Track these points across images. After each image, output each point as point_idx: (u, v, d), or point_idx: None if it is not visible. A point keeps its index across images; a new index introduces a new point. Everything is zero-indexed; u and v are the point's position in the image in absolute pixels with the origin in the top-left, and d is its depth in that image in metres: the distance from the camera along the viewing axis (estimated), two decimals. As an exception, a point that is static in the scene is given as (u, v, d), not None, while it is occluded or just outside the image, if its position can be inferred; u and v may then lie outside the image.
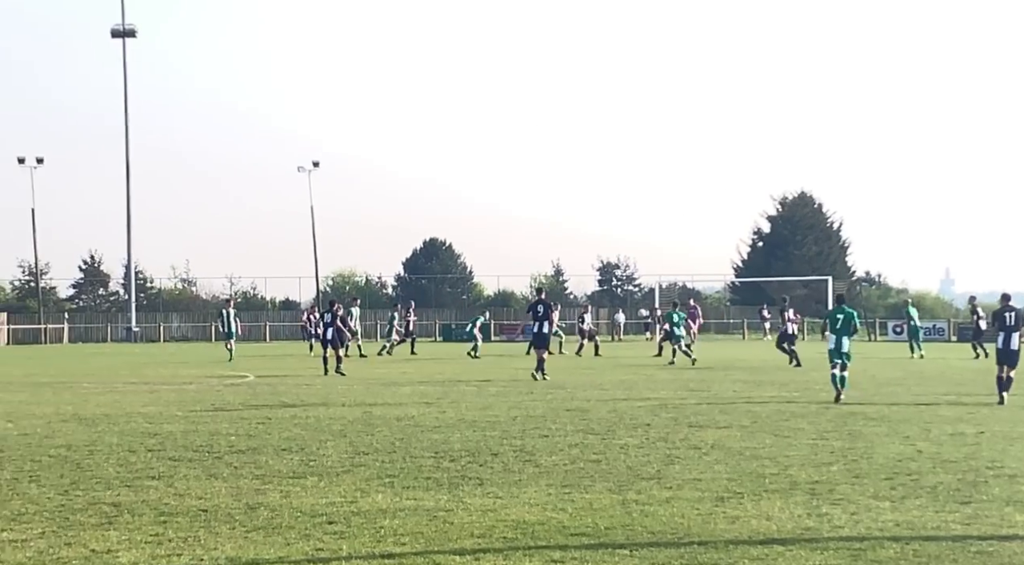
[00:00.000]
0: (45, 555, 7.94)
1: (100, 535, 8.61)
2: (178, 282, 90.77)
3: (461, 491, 10.56)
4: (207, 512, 9.53)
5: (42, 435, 15.36)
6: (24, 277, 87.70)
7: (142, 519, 9.25)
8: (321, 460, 12.68)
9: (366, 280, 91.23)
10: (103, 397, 22.46)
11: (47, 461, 12.69)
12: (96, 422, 17.11)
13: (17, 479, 11.34)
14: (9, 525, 8.97)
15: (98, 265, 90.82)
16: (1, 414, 18.60)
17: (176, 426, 16.48)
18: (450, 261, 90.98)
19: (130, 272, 79.76)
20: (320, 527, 8.90)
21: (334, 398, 21.62)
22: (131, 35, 76.09)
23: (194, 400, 21.53)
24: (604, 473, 11.61)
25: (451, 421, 16.94)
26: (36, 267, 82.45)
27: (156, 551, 8.08)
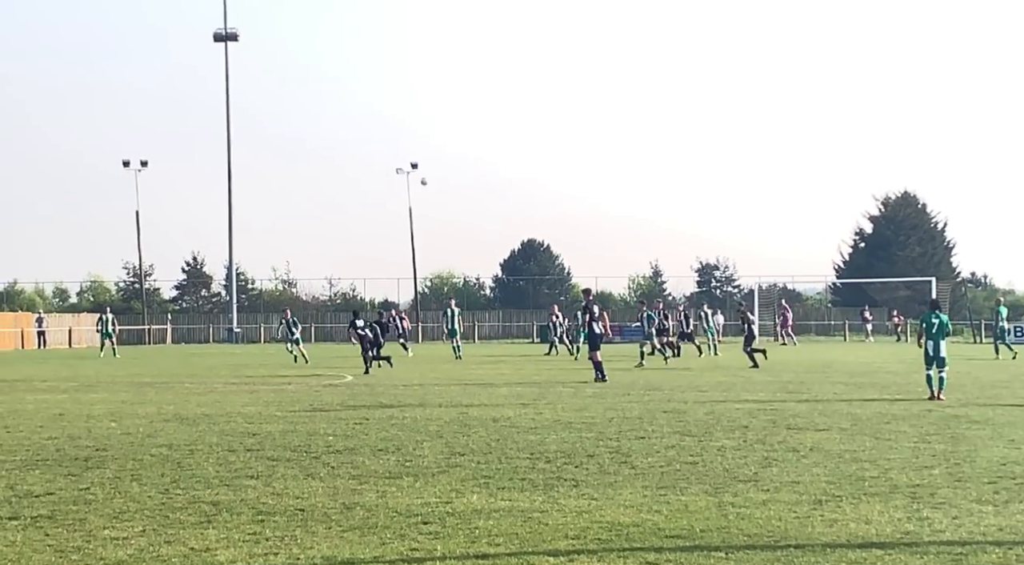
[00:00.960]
0: (145, 552, 8.08)
1: (199, 533, 8.74)
2: (278, 283, 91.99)
3: (556, 492, 10.55)
4: (304, 511, 9.63)
5: (144, 434, 15.64)
6: (129, 278, 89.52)
7: (240, 518, 9.37)
8: (417, 460, 12.76)
9: (464, 281, 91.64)
10: (204, 397, 22.83)
11: (149, 460, 12.92)
12: (197, 422, 17.39)
13: (119, 478, 11.55)
14: (111, 523, 9.14)
15: (200, 267, 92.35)
16: (105, 413, 18.98)
17: (275, 426, 16.69)
18: (548, 262, 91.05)
19: (231, 274, 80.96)
20: (415, 527, 8.95)
21: (431, 399, 21.74)
22: (233, 39, 77.26)
23: (293, 400, 21.79)
24: (700, 475, 11.53)
25: (547, 422, 16.95)
26: (140, 269, 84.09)
27: (254, 550, 8.18)
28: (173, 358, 47.54)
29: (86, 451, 13.75)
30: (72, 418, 18.18)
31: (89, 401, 22.05)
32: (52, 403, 21.57)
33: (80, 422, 17.47)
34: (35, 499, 10.27)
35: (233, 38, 77.24)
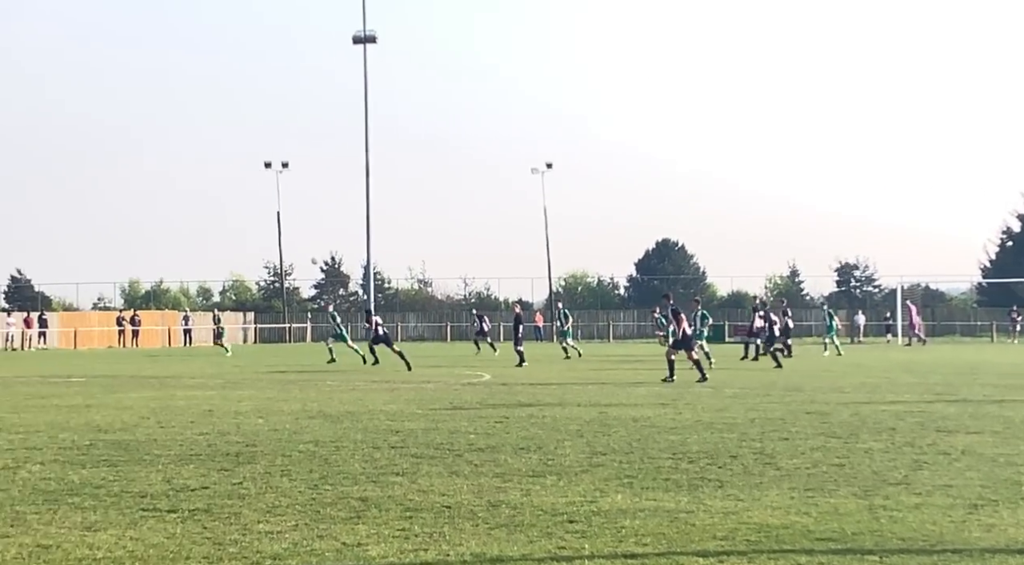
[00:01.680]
0: (299, 547, 8.24)
1: (350, 529, 8.88)
2: (415, 283, 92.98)
3: (701, 493, 10.49)
4: (450, 508, 9.73)
5: (291, 431, 15.94)
6: (270, 278, 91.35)
7: (388, 514, 9.49)
8: (559, 459, 12.79)
9: (598, 281, 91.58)
10: (346, 395, 23.18)
11: (297, 456, 13.16)
12: (341, 419, 17.66)
13: (270, 473, 11.79)
14: (264, 517, 9.34)
15: (338, 266, 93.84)
16: (252, 410, 19.39)
17: (417, 424, 16.87)
18: (682, 262, 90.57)
19: (369, 273, 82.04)
20: (561, 526, 8.97)
21: (570, 398, 21.78)
22: (371, 41, 78.29)
23: (433, 399, 22.01)
24: (848, 477, 11.37)
25: (688, 422, 16.86)
26: (281, 268, 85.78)
27: (403, 545, 8.29)
28: (314, 356, 48.31)
29: (236, 447, 14.06)
30: (221, 414, 18.61)
31: (236, 398, 22.55)
32: (201, 399, 22.11)
33: (229, 418, 17.88)
34: (191, 493, 10.54)
35: (372, 40, 78.26)
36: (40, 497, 10.37)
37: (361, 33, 77.96)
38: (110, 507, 9.82)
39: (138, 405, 20.69)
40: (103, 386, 27.11)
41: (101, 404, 21.06)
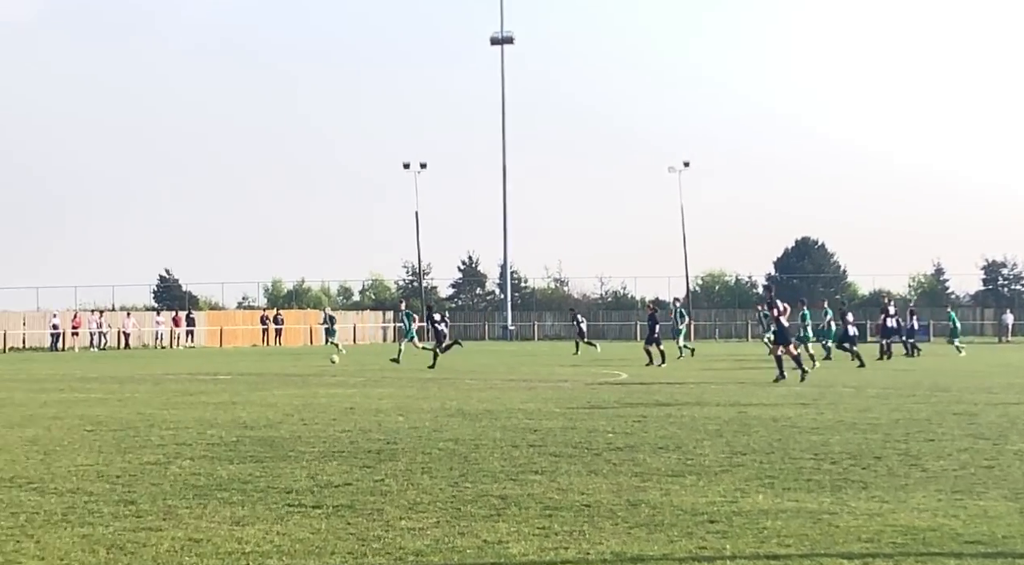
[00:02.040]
0: (441, 543, 8.31)
1: (490, 526, 8.93)
2: (551, 282, 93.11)
3: (844, 494, 10.33)
4: (590, 507, 9.72)
5: (431, 429, 16.09)
6: (408, 277, 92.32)
7: (528, 512, 9.52)
8: (698, 459, 12.70)
9: (735, 279, 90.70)
10: (484, 393, 23.32)
11: (437, 454, 13.28)
12: (479, 417, 17.77)
13: (411, 470, 11.92)
14: (407, 514, 9.44)
15: (475, 265, 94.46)
16: (392, 408, 19.62)
17: (555, 422, 16.90)
18: (822, 260, 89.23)
19: (506, 272, 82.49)
20: (702, 526, 8.91)
21: (708, 398, 21.61)
22: (509, 42, 78.70)
23: (570, 397, 22.03)
24: (998, 480, 11.08)
25: (829, 423, 16.61)
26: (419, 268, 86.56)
27: (544, 544, 8.31)
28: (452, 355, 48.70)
29: (378, 444, 14.24)
30: (362, 412, 18.87)
31: (377, 396, 22.85)
32: (343, 397, 22.45)
33: (370, 416, 18.12)
34: (335, 489, 10.70)
35: (509, 41, 78.71)
36: (190, 492, 10.63)
37: (499, 34, 78.42)
38: (257, 502, 10.03)
39: (282, 402, 21.09)
40: (248, 384, 27.70)
41: (247, 401, 21.52)
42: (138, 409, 19.83)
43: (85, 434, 15.67)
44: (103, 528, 8.89)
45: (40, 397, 23.24)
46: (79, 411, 19.48)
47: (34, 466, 12.43)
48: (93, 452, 13.61)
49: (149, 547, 8.20)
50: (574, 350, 48.63)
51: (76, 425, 16.92)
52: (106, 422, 17.36)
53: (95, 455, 13.33)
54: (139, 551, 8.08)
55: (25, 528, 8.92)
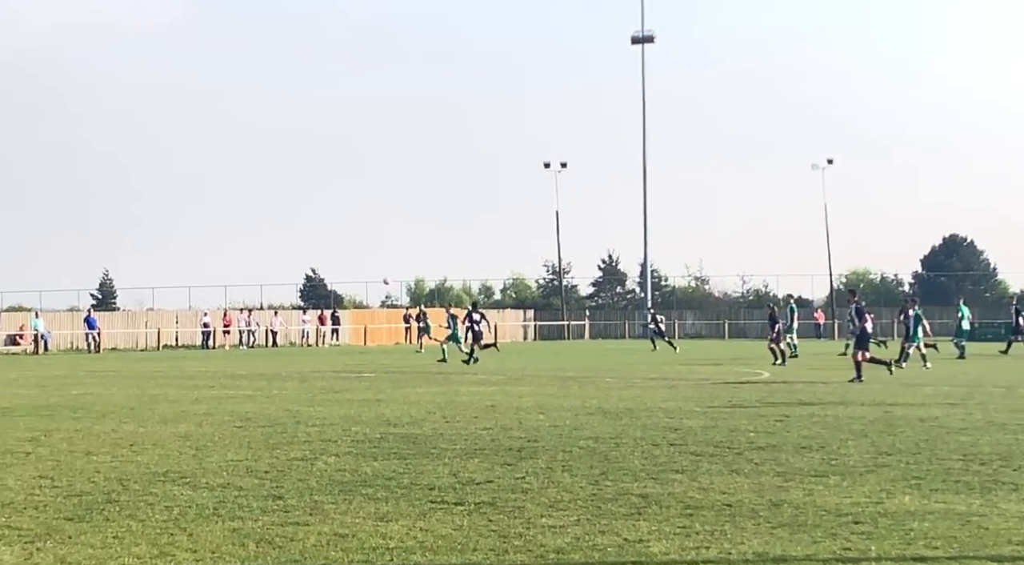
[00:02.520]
0: (582, 541, 8.31)
1: (631, 525, 8.90)
2: (691, 280, 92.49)
3: (994, 496, 10.06)
4: (731, 507, 9.63)
5: (571, 427, 16.10)
6: (548, 276, 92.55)
7: (669, 511, 9.47)
8: (842, 459, 12.49)
9: (880, 277, 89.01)
10: (624, 392, 23.25)
11: (577, 452, 13.28)
12: (619, 416, 17.72)
13: (551, 468, 11.94)
14: (547, 511, 9.46)
15: (615, 264, 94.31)
16: (533, 406, 19.68)
17: (696, 421, 16.77)
18: (972, 258, 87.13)
19: (646, 271, 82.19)
20: (846, 526, 8.76)
21: (852, 397, 21.25)
22: (649, 41, 78.42)
23: (711, 396, 21.84)
24: None
25: (978, 423, 16.19)
26: (559, 267, 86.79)
27: (685, 543, 8.26)
28: (592, 353, 48.72)
29: (518, 442, 14.29)
30: (503, 409, 18.96)
31: (517, 393, 22.94)
32: (484, 395, 22.59)
33: (511, 413, 18.20)
34: (476, 486, 10.77)
35: (649, 40, 78.41)
36: (336, 487, 10.79)
37: (639, 33, 78.18)
38: (401, 498, 10.14)
39: (425, 400, 21.31)
40: (392, 381, 28.04)
41: (390, 399, 21.78)
42: (285, 406, 20.21)
43: (235, 430, 16.02)
44: (252, 522, 9.08)
45: (192, 394, 23.84)
46: (229, 408, 19.93)
47: (186, 461, 12.75)
48: (243, 448, 13.92)
49: (296, 541, 8.35)
50: (652, 348, 49.35)
51: (226, 421, 17.32)
52: (255, 418, 17.73)
53: (244, 451, 13.63)
54: (287, 545, 8.23)
55: (178, 521, 9.16)
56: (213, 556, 7.93)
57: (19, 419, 18.11)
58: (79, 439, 15.07)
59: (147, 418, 18.06)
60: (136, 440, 14.87)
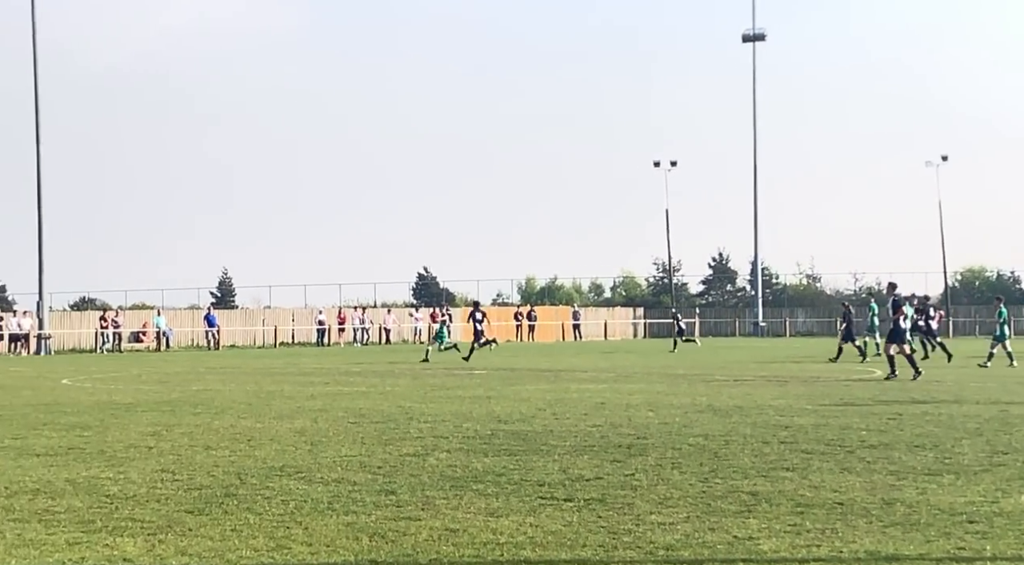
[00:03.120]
0: (691, 538, 8.26)
1: (740, 522, 8.82)
2: (803, 278, 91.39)
3: (1114, 497, 9.79)
4: (842, 505, 9.49)
5: (680, 424, 16.00)
6: (658, 274, 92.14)
7: (779, 509, 9.37)
8: (957, 458, 12.24)
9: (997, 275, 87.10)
10: (734, 389, 23.06)
11: (686, 449, 13.20)
12: (729, 413, 17.58)
13: (661, 465, 11.89)
14: (657, 508, 9.42)
15: (726, 262, 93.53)
16: (642, 403, 19.60)
17: (806, 419, 16.57)
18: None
19: (756, 269, 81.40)
20: (960, 526, 8.59)
21: (967, 395, 20.83)
22: (760, 39, 77.67)
23: (822, 394, 21.56)
24: None
25: (1098, 422, 15.77)
26: (669, 265, 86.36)
27: (795, 541, 8.16)
28: (703, 351, 48.37)
29: (628, 439, 14.25)
30: (613, 407, 18.91)
31: (627, 391, 22.88)
32: (594, 392, 22.56)
33: (620, 411, 18.15)
34: (586, 483, 10.77)
35: (760, 38, 77.65)
36: (447, 483, 10.86)
37: (750, 31, 77.49)
38: (511, 494, 10.18)
39: (534, 397, 21.34)
40: (502, 378, 28.14)
41: (501, 396, 21.86)
42: (398, 402, 20.39)
43: (349, 426, 16.21)
44: (366, 516, 9.18)
45: (307, 390, 24.17)
46: (343, 404, 20.17)
47: (302, 456, 12.93)
48: (356, 443, 14.07)
49: (409, 536, 8.42)
50: (671, 348, 48.60)
51: (340, 417, 17.52)
52: (368, 415, 17.92)
53: (358, 446, 13.77)
54: (399, 539, 8.31)
55: (294, 515, 9.29)
56: (328, 549, 8.03)
57: (142, 414, 18.53)
58: (199, 434, 15.37)
59: (264, 414, 18.36)
60: (253, 435, 15.12)
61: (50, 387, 26.69)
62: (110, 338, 58.72)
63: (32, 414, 18.74)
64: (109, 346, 58.19)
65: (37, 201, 57.30)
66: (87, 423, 17.03)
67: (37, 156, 57.24)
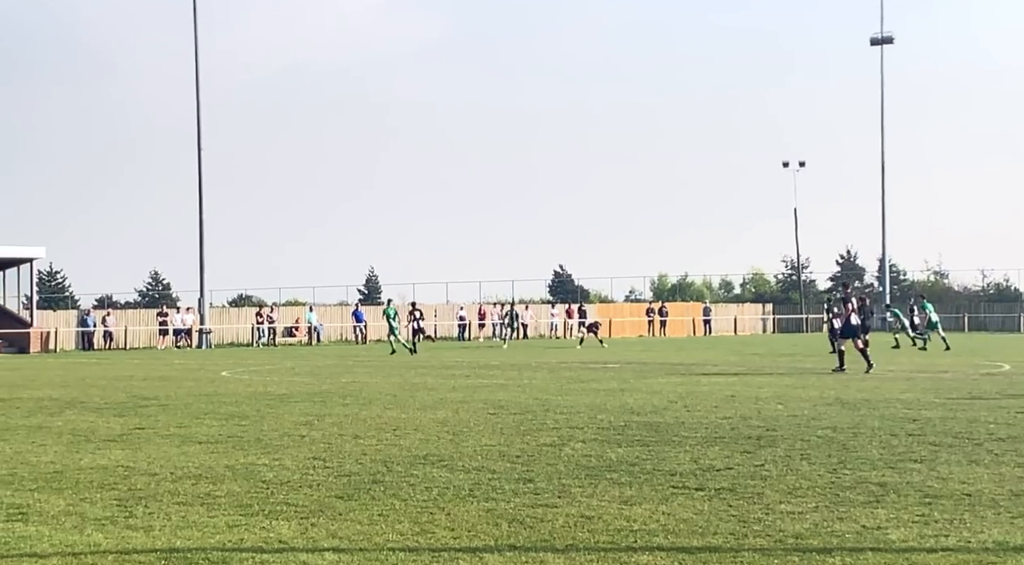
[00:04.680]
0: (820, 528, 8.14)
1: (869, 512, 8.67)
2: (930, 274, 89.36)
3: None
4: (970, 496, 9.27)
5: (809, 417, 15.77)
6: (787, 271, 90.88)
7: (907, 500, 9.18)
8: (1087, 452, 11.86)
9: None
10: (862, 383, 22.62)
11: (815, 441, 13.00)
12: (857, 406, 17.26)
13: (790, 456, 11.73)
14: (786, 498, 9.31)
15: (853, 259, 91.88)
16: (771, 396, 19.36)
17: (934, 412, 16.20)
18: None
19: (884, 266, 79.79)
20: (1091, 519, 8.32)
21: (1097, 389, 20.13)
22: (888, 42, 76.12)
23: (950, 388, 21.04)
24: None
25: None
26: (798, 262, 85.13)
27: (923, 531, 7.99)
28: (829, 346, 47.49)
29: (757, 430, 14.09)
30: (742, 400, 18.72)
31: (756, 384, 22.61)
32: (723, 385, 22.35)
33: (750, 403, 17.94)
34: (716, 473, 10.68)
35: (888, 41, 76.10)
36: (582, 472, 10.87)
37: (878, 35, 76.00)
38: (644, 483, 10.14)
39: (666, 390, 21.22)
40: (635, 372, 28.04)
41: (633, 388, 21.78)
42: (535, 394, 20.45)
43: (489, 417, 16.31)
44: (505, 503, 9.23)
45: (449, 382, 24.38)
46: (483, 396, 20.30)
47: (444, 445, 13.05)
48: (496, 433, 14.15)
49: (546, 522, 8.45)
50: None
51: (481, 408, 17.64)
52: (507, 406, 18.01)
53: (497, 436, 13.85)
54: (537, 526, 8.34)
55: (437, 501, 9.39)
56: (469, 534, 8.09)
57: (295, 404, 18.89)
58: (348, 423, 15.61)
59: (409, 405, 18.57)
60: (399, 425, 15.31)
61: (210, 379, 27.38)
62: (265, 333, 59.97)
63: (194, 404, 19.24)
64: (264, 340, 59.44)
65: (199, 204, 58.89)
66: (244, 413, 17.43)
67: (199, 162, 58.78)
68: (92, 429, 15.36)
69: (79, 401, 20.33)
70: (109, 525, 8.55)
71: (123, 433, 14.79)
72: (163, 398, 20.74)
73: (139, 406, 19.03)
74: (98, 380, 27.31)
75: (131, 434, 14.67)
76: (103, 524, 8.59)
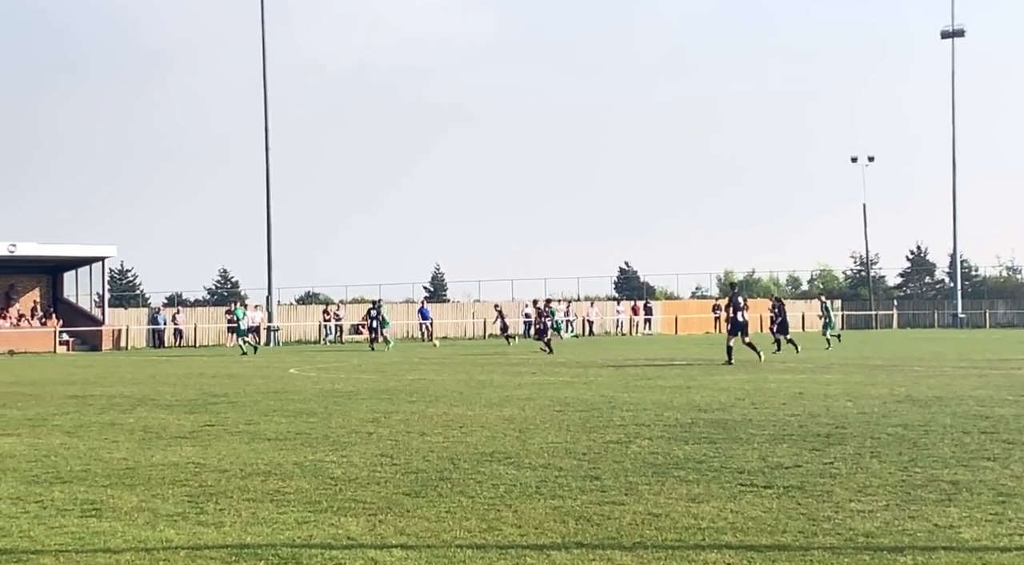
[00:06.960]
0: (891, 526, 8.05)
1: (941, 511, 8.56)
2: (1003, 270, 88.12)
3: None
4: (1046, 496, 9.12)
5: (879, 414, 15.60)
6: (856, 267, 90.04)
7: (980, 498, 9.05)
8: None
9: None
10: (933, 380, 22.34)
11: (885, 438, 12.85)
12: (929, 404, 17.04)
13: (860, 454, 11.61)
14: (856, 496, 9.21)
15: (924, 255, 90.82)
16: (840, 393, 19.17)
17: (1007, 410, 15.95)
18: None
19: (955, 261, 78.66)
20: None
21: None
22: (959, 35, 75.12)
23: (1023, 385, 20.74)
24: None
25: None
26: (867, 258, 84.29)
27: (997, 529, 7.88)
28: (900, 342, 47.03)
29: (826, 428, 13.96)
30: (811, 397, 18.55)
31: (825, 381, 22.40)
32: (792, 383, 22.16)
33: (818, 401, 17.78)
34: (784, 470, 10.59)
35: (959, 34, 75.09)
36: (649, 469, 10.83)
37: (949, 28, 75.00)
38: (711, 481, 10.09)
39: (733, 387, 21.09)
40: (701, 369, 27.90)
41: (700, 385, 21.67)
42: (601, 392, 20.42)
43: (555, 414, 16.30)
44: (571, 501, 9.22)
45: (515, 380, 24.40)
46: (549, 393, 20.30)
47: (511, 442, 13.06)
48: (562, 431, 14.14)
49: (613, 520, 8.43)
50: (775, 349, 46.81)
51: (547, 406, 17.64)
52: (573, 403, 17.99)
53: (564, 433, 13.85)
54: (604, 523, 8.33)
55: (504, 498, 9.40)
56: (536, 532, 8.10)
57: (362, 402, 19.01)
58: (415, 421, 15.68)
59: (475, 402, 18.62)
60: (465, 422, 15.35)
61: (279, 376, 27.63)
62: (332, 330, 60.37)
63: (263, 401, 19.43)
64: (331, 337, 59.83)
65: (266, 202, 59.43)
66: (312, 410, 17.57)
67: (266, 160, 59.32)
68: (163, 426, 15.56)
69: (150, 398, 20.62)
70: (180, 521, 8.66)
71: (193, 430, 14.97)
72: (232, 395, 20.96)
73: (209, 403, 19.25)
74: (168, 377, 27.67)
75: (201, 431, 14.84)
76: (175, 520, 8.70)
